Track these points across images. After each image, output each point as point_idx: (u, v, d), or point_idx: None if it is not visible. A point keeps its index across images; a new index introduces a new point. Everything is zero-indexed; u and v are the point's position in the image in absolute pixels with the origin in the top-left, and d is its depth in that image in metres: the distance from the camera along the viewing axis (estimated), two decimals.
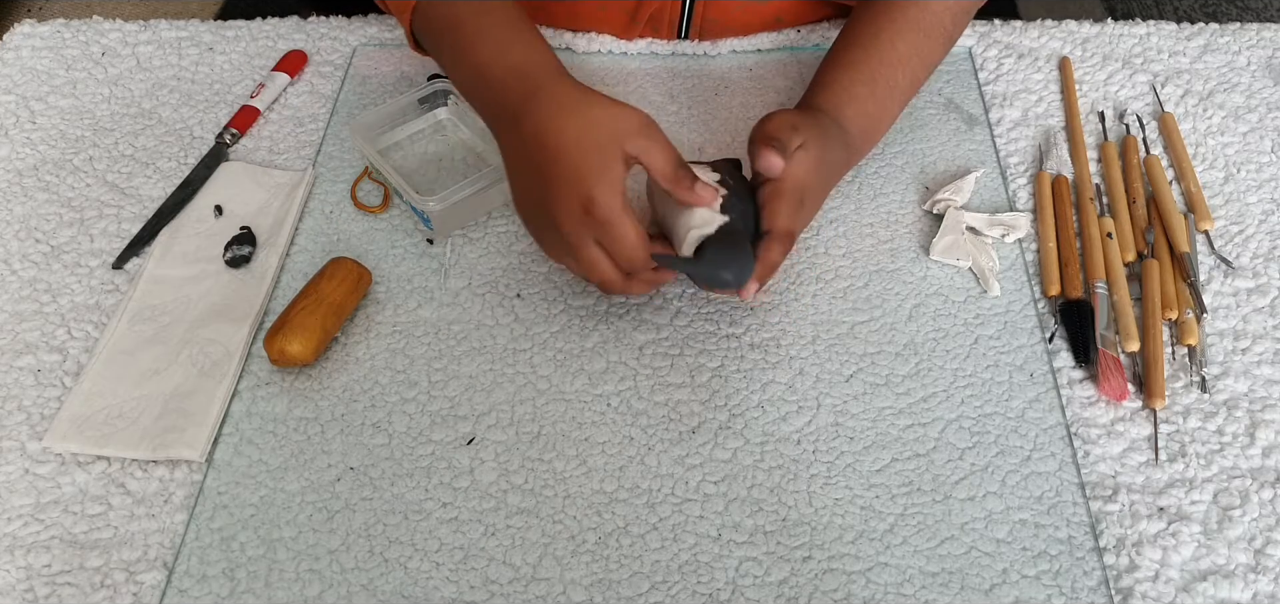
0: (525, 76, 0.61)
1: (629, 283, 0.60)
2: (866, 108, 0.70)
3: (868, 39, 0.72)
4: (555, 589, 0.54)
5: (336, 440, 0.60)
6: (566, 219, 0.57)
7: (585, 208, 0.56)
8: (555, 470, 0.59)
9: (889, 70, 0.71)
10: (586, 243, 0.58)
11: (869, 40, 0.71)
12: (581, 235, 0.57)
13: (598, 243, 0.58)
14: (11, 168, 0.77)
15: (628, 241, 0.57)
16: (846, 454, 0.59)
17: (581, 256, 0.58)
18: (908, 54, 0.72)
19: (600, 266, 0.59)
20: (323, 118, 0.81)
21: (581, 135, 0.56)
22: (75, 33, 0.88)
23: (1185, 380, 0.62)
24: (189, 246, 0.70)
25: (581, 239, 0.58)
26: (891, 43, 0.71)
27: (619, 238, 0.57)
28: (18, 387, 0.63)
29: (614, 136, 0.56)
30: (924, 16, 0.72)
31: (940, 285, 0.68)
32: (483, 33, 0.64)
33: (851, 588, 0.54)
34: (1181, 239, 0.68)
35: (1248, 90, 0.82)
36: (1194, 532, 0.56)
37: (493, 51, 0.63)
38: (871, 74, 0.70)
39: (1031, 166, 0.76)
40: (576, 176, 0.56)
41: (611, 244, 0.58)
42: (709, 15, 0.84)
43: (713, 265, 0.58)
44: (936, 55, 0.75)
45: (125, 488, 0.58)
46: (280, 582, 0.54)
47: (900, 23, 0.72)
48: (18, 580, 0.54)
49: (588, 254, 0.58)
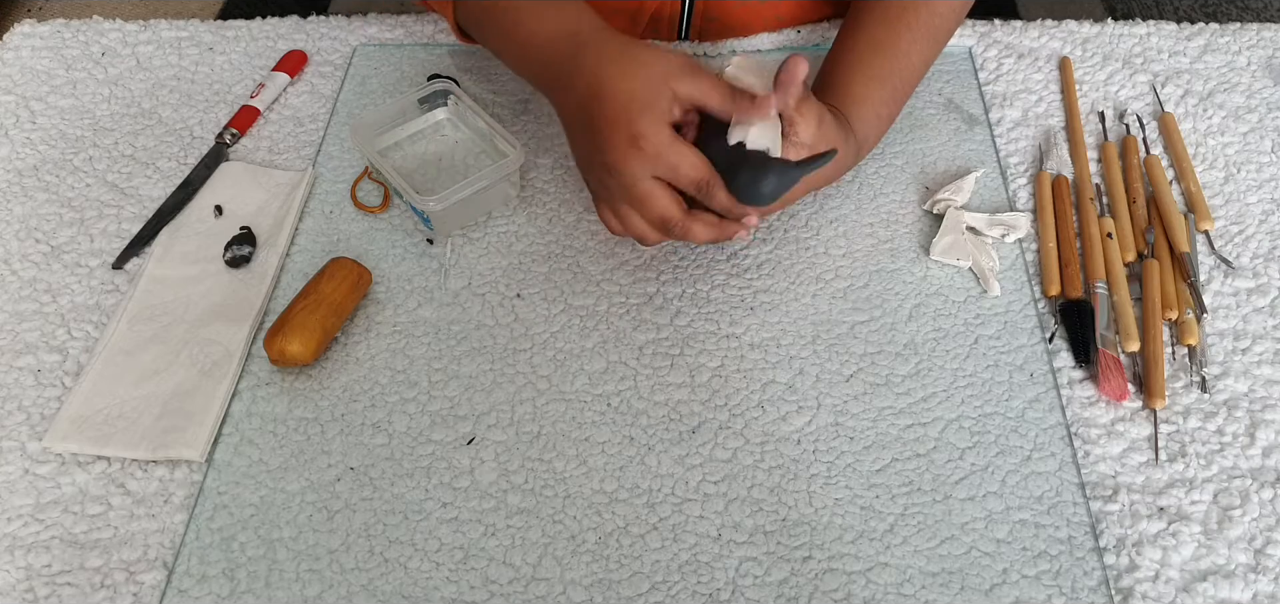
0: (569, 37, 0.62)
1: (690, 223, 0.60)
2: (879, 112, 0.71)
3: (883, 43, 0.71)
4: (555, 589, 0.54)
5: (336, 440, 0.60)
6: (619, 158, 0.58)
7: (634, 142, 0.57)
8: (555, 470, 0.59)
9: (902, 79, 0.72)
10: (642, 179, 0.58)
11: (884, 44, 0.71)
12: (636, 173, 0.58)
13: (656, 179, 0.58)
14: (11, 168, 0.77)
15: (685, 161, 0.58)
16: (846, 454, 0.59)
17: (638, 194, 0.58)
18: (919, 64, 0.73)
19: (658, 200, 0.59)
20: (323, 118, 0.81)
21: (628, 78, 0.57)
22: (75, 33, 0.88)
23: (1185, 380, 0.62)
24: (189, 246, 0.70)
25: (636, 176, 0.58)
26: (907, 51, 0.71)
27: (675, 162, 0.57)
28: (18, 387, 0.63)
29: (661, 76, 0.57)
30: (935, 21, 0.72)
31: (940, 285, 0.68)
32: (521, 8, 0.66)
33: (851, 588, 0.54)
34: (1181, 239, 0.68)
35: (1248, 90, 0.82)
36: (1194, 532, 0.56)
37: (534, 23, 0.65)
38: (886, 80, 0.71)
39: (1031, 166, 0.76)
40: (624, 116, 0.57)
41: (669, 171, 0.58)
42: (709, 14, 0.84)
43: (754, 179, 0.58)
44: (936, 55, 0.75)
45: (125, 488, 0.58)
46: (280, 582, 0.54)
47: (915, 29, 0.71)
48: (18, 580, 0.54)
49: (644, 188, 0.58)
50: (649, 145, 0.57)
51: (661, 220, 0.60)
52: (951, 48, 0.85)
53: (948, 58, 0.84)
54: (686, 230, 0.60)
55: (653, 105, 0.57)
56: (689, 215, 0.60)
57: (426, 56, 0.86)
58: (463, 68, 0.84)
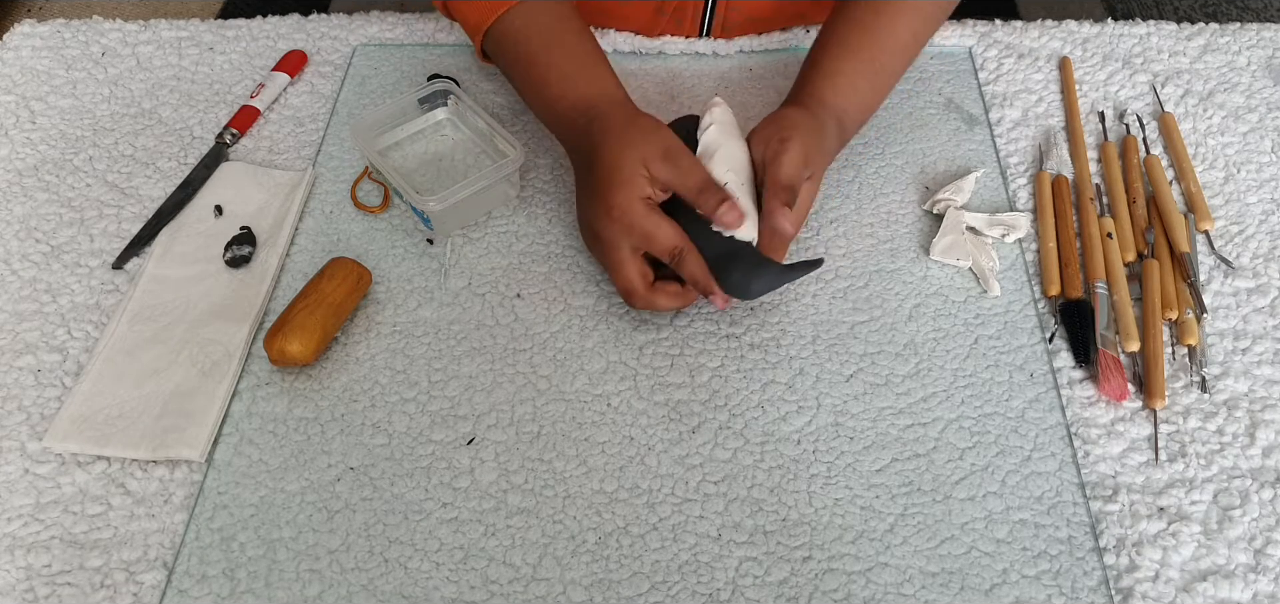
0: (586, 109, 0.67)
1: (653, 296, 0.63)
2: (867, 99, 0.71)
3: (870, 23, 0.71)
4: (555, 589, 0.54)
5: (336, 440, 0.60)
6: (600, 225, 0.63)
7: (609, 212, 0.62)
8: (555, 470, 0.59)
9: (890, 58, 0.72)
10: (619, 246, 0.62)
11: (871, 25, 0.71)
12: (613, 239, 0.62)
13: (633, 249, 0.62)
14: (11, 168, 0.77)
15: (660, 231, 0.61)
16: (846, 454, 0.59)
17: (612, 261, 0.63)
18: (908, 41, 0.73)
19: (627, 269, 0.62)
20: (323, 118, 0.81)
21: (617, 152, 0.62)
22: (75, 33, 0.88)
23: (1185, 380, 0.62)
24: (189, 247, 0.70)
25: (613, 243, 0.63)
26: (892, 30, 0.72)
27: (649, 231, 0.61)
28: (18, 387, 0.63)
29: (641, 158, 0.62)
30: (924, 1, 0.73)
31: (940, 285, 0.68)
32: (552, 69, 0.70)
33: (851, 588, 0.54)
34: (1181, 239, 0.68)
35: (1248, 90, 0.82)
36: (1194, 532, 0.56)
37: (560, 87, 0.70)
38: (873, 62, 0.71)
39: (1031, 166, 0.76)
40: (606, 186, 0.62)
41: (644, 240, 0.62)
42: (732, 7, 0.85)
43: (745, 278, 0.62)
44: (929, 36, 0.76)
45: (125, 488, 0.58)
46: (280, 582, 0.54)
47: (901, 4, 0.72)
48: (18, 580, 0.54)
49: (618, 256, 0.63)
50: (623, 217, 0.61)
51: (626, 290, 0.63)
52: (951, 48, 0.85)
53: (948, 58, 0.84)
54: (649, 303, 0.63)
55: (629, 183, 0.61)
56: (652, 290, 0.63)
57: (426, 56, 0.86)
58: (463, 68, 0.84)
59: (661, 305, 0.63)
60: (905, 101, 0.80)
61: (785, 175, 0.62)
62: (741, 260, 0.61)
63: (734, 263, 0.61)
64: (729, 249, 0.61)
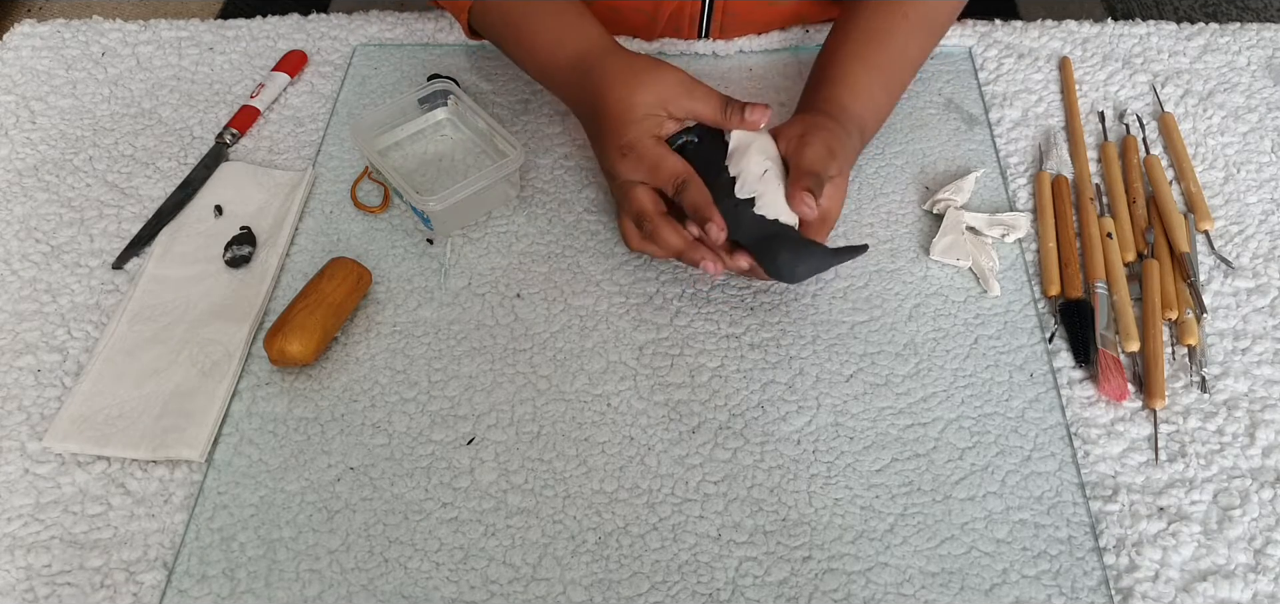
0: (580, 62, 0.69)
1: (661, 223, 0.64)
2: (883, 110, 0.74)
3: (878, 33, 0.73)
4: (555, 589, 0.54)
5: (336, 440, 0.60)
6: (613, 164, 0.66)
7: (623, 151, 0.65)
8: (555, 470, 0.59)
9: (902, 70, 0.75)
10: (634, 185, 0.66)
11: (880, 34, 0.73)
12: (626, 176, 0.66)
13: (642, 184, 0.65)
14: (11, 168, 0.77)
15: (666, 161, 0.64)
16: (846, 454, 0.59)
17: (625, 194, 0.66)
18: (918, 56, 0.76)
19: (638, 196, 0.65)
20: (323, 118, 0.81)
21: (627, 94, 0.65)
22: (75, 33, 0.88)
23: (1185, 380, 0.62)
24: (189, 247, 0.70)
25: (625, 179, 0.66)
26: (904, 45, 0.74)
27: (656, 162, 0.64)
28: (18, 387, 0.63)
29: (659, 99, 0.65)
30: (930, 13, 0.74)
31: (940, 285, 0.68)
32: (540, 33, 0.72)
33: (851, 588, 0.54)
34: (1181, 239, 0.68)
35: (1248, 90, 0.82)
36: (1194, 532, 0.56)
37: (550, 47, 0.71)
38: (887, 74, 0.73)
39: (1031, 166, 0.76)
40: (619, 125, 0.65)
41: (652, 172, 0.64)
42: (730, 10, 0.85)
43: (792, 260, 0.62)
44: (934, 47, 0.78)
45: (125, 488, 0.58)
46: (280, 582, 0.54)
47: (912, 18, 0.74)
48: (18, 580, 0.54)
49: (631, 191, 0.66)
50: (632, 150, 0.65)
51: (638, 213, 0.65)
52: (951, 48, 0.85)
53: (948, 58, 0.84)
54: (656, 228, 0.65)
55: (644, 122, 0.65)
56: (661, 217, 0.65)
57: (426, 56, 0.86)
58: (463, 68, 0.84)
59: (664, 239, 0.64)
60: (905, 101, 0.80)
61: (809, 161, 0.64)
62: (786, 243, 0.62)
63: (780, 245, 0.62)
64: (773, 231, 0.62)
